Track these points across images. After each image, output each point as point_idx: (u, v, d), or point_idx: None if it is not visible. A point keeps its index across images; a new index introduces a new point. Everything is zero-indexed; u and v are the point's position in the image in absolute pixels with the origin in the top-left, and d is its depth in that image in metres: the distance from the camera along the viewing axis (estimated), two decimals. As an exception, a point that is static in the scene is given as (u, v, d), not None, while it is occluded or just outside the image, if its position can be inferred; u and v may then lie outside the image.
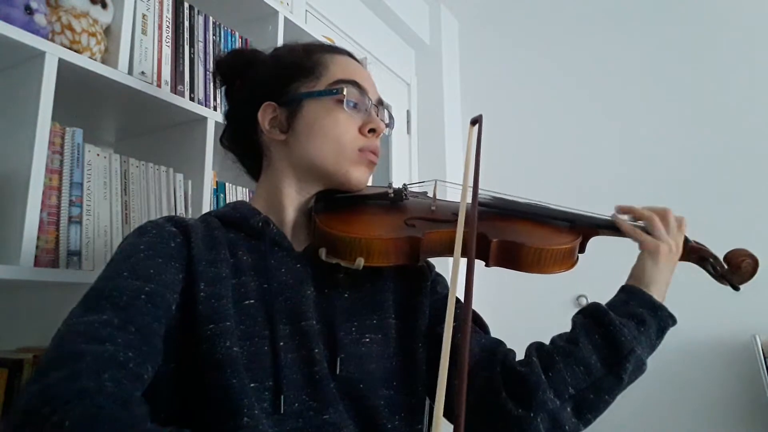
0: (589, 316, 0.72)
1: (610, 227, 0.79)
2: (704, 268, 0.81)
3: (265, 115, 0.75)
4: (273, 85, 0.76)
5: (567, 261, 0.74)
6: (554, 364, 0.67)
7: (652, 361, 0.71)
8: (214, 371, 0.59)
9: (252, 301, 0.65)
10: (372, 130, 0.75)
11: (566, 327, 0.77)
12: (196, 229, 0.67)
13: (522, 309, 2.17)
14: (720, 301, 0.84)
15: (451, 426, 0.42)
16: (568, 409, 0.66)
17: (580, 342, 0.69)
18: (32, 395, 0.47)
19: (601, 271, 0.87)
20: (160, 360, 0.58)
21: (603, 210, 0.82)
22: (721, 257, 0.79)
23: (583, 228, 0.78)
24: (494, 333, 0.78)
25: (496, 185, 0.81)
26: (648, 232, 0.76)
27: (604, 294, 0.83)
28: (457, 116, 2.76)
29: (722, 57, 2.20)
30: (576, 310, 0.76)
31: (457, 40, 2.90)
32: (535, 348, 0.72)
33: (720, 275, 0.79)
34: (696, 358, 2.01)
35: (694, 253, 0.80)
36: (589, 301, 0.78)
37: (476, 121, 0.68)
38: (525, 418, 0.65)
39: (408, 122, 2.66)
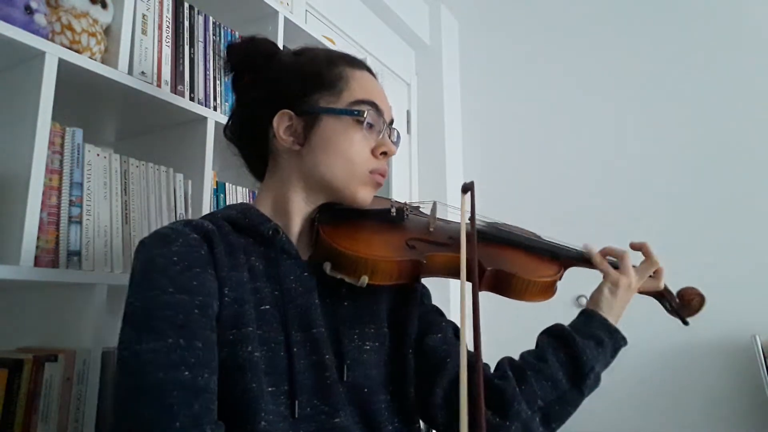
0: (555, 336, 0.78)
1: (585, 261, 0.85)
2: (661, 302, 0.89)
3: (281, 123, 0.74)
4: (292, 93, 0.75)
5: (549, 291, 0.80)
6: (526, 379, 0.73)
7: (653, 361, 0.75)
8: (234, 375, 0.59)
9: (268, 306, 0.66)
10: (383, 153, 0.76)
11: None
12: (215, 234, 0.66)
13: (522, 308, 2.17)
14: (720, 301, 0.86)
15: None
16: (537, 419, 0.72)
17: (548, 359, 0.75)
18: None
19: (600, 272, 0.87)
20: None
21: (600, 210, 0.84)
22: (674, 293, 0.88)
23: (565, 260, 0.84)
24: (494, 333, 0.79)
25: (496, 184, 0.81)
26: (615, 266, 0.82)
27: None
28: (457, 116, 2.76)
29: (721, 60, 2.19)
30: (576, 310, 0.79)
31: (457, 40, 2.89)
32: (508, 362, 0.77)
33: (674, 310, 0.87)
34: (696, 358, 2.01)
35: (654, 291, 0.86)
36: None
37: (468, 188, 0.71)
38: (501, 427, 0.71)
39: (408, 122, 2.66)
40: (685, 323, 0.88)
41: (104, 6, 1.00)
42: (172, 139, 1.17)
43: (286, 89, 0.76)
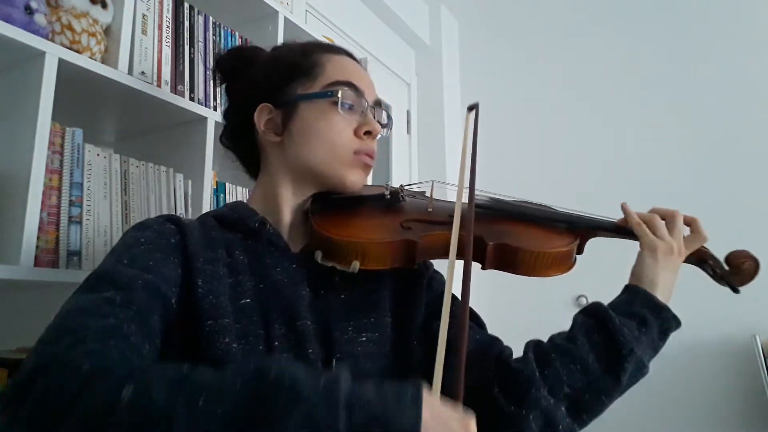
0: (589, 315, 0.71)
1: (609, 228, 0.78)
2: (703, 269, 0.79)
3: (261, 117, 0.75)
4: (269, 86, 0.76)
5: (564, 264, 0.73)
6: (550, 362, 0.66)
7: (653, 360, 0.70)
8: (213, 367, 0.59)
9: (248, 300, 0.65)
10: (368, 132, 0.74)
11: (566, 327, 0.77)
12: (193, 228, 0.68)
13: (521, 309, 2.17)
14: (720, 301, 0.84)
15: None
16: (563, 408, 0.65)
17: (578, 340, 0.67)
18: (40, 357, 0.47)
19: (601, 271, 0.87)
20: (159, 344, 0.57)
21: (600, 209, 0.82)
22: (721, 258, 0.77)
23: (582, 230, 0.77)
24: (494, 333, 0.78)
25: (496, 184, 0.81)
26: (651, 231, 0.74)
27: (604, 294, 0.82)
28: (457, 116, 2.76)
29: (719, 59, 2.20)
30: (576, 310, 0.75)
31: (457, 40, 2.90)
32: (533, 345, 0.71)
33: (720, 277, 0.77)
34: (696, 358, 2.01)
35: (692, 254, 0.78)
36: (589, 301, 0.77)
37: (473, 107, 0.67)
38: (517, 415, 0.64)
39: (408, 122, 2.66)
40: (736, 291, 0.76)
41: (104, 6, 0.99)
42: (172, 139, 1.17)
43: (263, 84, 0.77)
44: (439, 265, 0.82)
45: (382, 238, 0.69)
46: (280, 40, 1.39)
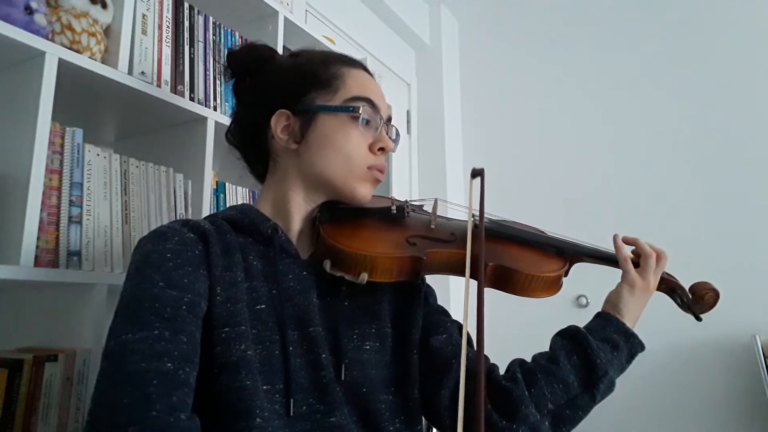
0: (569, 338, 0.77)
1: (596, 256, 0.83)
2: (672, 298, 0.86)
3: (279, 122, 0.75)
4: (289, 93, 0.76)
5: (554, 287, 0.78)
6: (536, 381, 0.73)
7: (652, 361, 0.73)
8: (228, 373, 0.60)
9: (263, 306, 0.67)
10: (381, 149, 0.76)
11: (565, 326, 0.79)
12: (212, 234, 0.68)
13: (521, 308, 2.17)
14: (720, 301, 0.85)
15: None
16: (547, 422, 0.72)
17: (560, 362, 0.74)
18: (107, 422, 0.51)
19: (600, 271, 0.88)
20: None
21: (598, 215, 0.83)
22: (687, 288, 0.85)
23: (570, 255, 0.82)
24: (493, 332, 0.79)
25: (495, 185, 0.81)
26: (635, 265, 0.80)
27: (603, 294, 0.83)
28: (457, 116, 2.76)
29: (720, 66, 2.19)
30: (576, 309, 0.78)
31: (457, 40, 2.90)
32: (518, 364, 0.77)
33: (686, 305, 0.84)
34: (696, 358, 2.01)
35: (664, 283, 0.84)
36: (589, 301, 0.80)
37: (478, 173, 0.66)
38: (508, 429, 0.70)
39: (408, 122, 2.66)
40: (698, 319, 0.85)
41: (104, 6, 1.00)
42: (172, 139, 1.17)
43: (282, 90, 0.77)
44: (431, 280, 0.85)
45: (390, 253, 0.71)
46: (280, 40, 1.39)
